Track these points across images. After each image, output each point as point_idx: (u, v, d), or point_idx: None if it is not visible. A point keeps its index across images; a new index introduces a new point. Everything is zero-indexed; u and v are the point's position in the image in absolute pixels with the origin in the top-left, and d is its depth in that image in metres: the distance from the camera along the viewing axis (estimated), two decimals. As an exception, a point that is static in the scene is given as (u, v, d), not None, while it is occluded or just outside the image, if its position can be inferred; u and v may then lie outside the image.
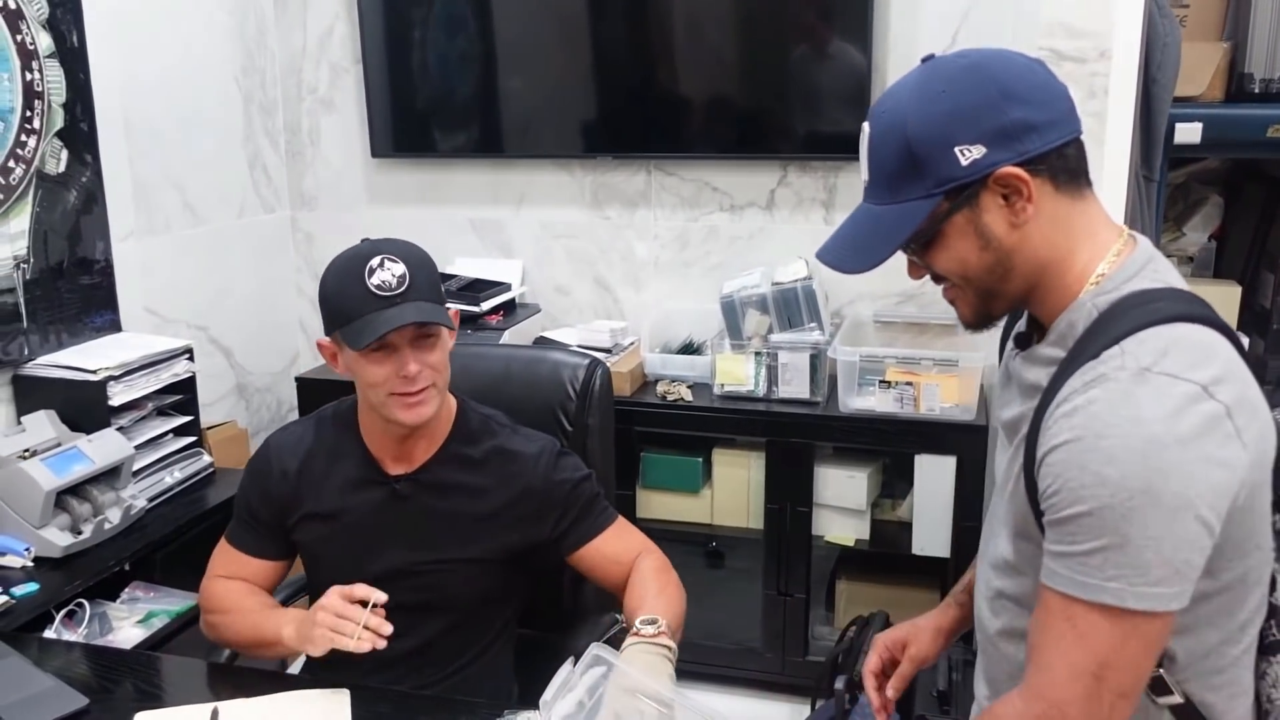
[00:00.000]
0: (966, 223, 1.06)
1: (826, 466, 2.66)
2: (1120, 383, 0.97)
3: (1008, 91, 1.03)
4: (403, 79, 3.01)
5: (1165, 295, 1.04)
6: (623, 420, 2.67)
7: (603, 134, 2.94)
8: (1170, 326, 1.00)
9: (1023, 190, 1.03)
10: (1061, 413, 1.00)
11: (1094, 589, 0.97)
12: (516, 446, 1.62)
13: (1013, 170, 1.02)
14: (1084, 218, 1.08)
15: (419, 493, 1.59)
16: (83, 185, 2.38)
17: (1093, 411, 0.97)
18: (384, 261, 1.46)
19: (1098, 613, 0.97)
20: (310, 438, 1.64)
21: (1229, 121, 2.25)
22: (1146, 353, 0.98)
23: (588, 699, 1.22)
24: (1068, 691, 1.00)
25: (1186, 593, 0.98)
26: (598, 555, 1.62)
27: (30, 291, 2.24)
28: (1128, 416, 0.95)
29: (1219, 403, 0.96)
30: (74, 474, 2.03)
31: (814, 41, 2.72)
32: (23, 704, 1.40)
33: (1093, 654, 0.98)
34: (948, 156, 1.03)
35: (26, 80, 2.22)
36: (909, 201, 1.06)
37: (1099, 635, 0.98)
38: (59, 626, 1.89)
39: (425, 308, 1.47)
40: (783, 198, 2.86)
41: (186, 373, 2.39)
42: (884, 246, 1.08)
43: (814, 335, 2.60)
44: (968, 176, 1.03)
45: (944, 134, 1.03)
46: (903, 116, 1.05)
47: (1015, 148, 1.02)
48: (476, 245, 3.12)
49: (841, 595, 2.78)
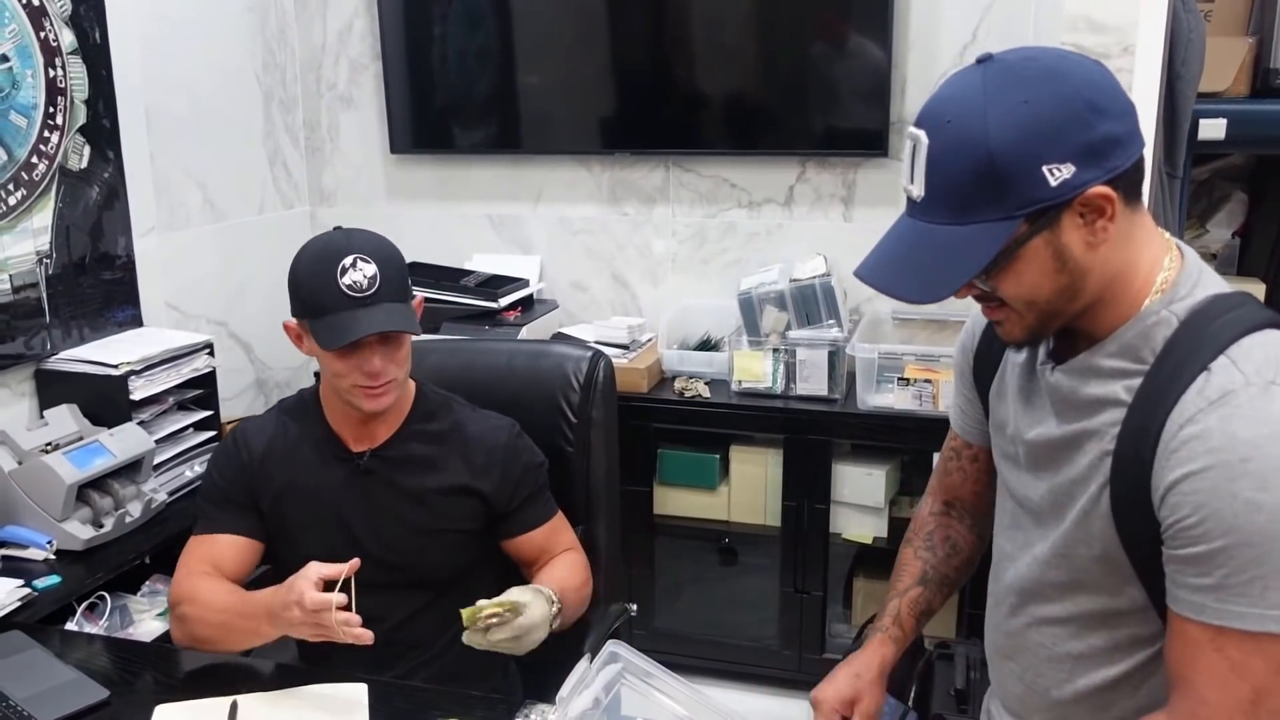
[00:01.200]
0: (1045, 245, 0.98)
1: (844, 464, 2.65)
2: (1252, 399, 0.93)
3: (1093, 104, 0.95)
4: (422, 75, 3.02)
5: (1242, 300, 1.01)
6: (640, 417, 2.68)
7: (621, 130, 2.93)
8: (1262, 334, 0.97)
9: (1106, 210, 0.96)
10: (1188, 435, 0.95)
11: (1256, 619, 0.93)
12: (477, 421, 1.66)
13: (1102, 190, 0.95)
14: (1141, 229, 1.04)
15: (382, 468, 1.62)
16: (105, 181, 2.40)
17: (1230, 432, 0.93)
18: (356, 261, 1.48)
19: (1251, 641, 0.94)
20: (272, 425, 1.68)
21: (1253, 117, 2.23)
22: (1264, 363, 0.94)
23: (604, 695, 1.22)
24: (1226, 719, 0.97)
25: None
26: (528, 544, 1.67)
27: (53, 286, 2.26)
28: (1271, 435, 0.91)
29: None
30: (95, 468, 2.04)
31: (833, 37, 2.71)
32: (45, 696, 1.41)
33: (1249, 683, 0.95)
34: (1035, 176, 0.94)
35: (50, 77, 2.23)
36: (984, 223, 0.96)
37: (1254, 664, 0.94)
38: (80, 619, 1.91)
39: (394, 311, 1.50)
40: (801, 194, 2.85)
41: (207, 367, 2.41)
42: (957, 275, 0.99)
43: (832, 332, 2.59)
44: (1056, 198, 0.95)
45: (1032, 151, 0.94)
46: (982, 130, 0.95)
47: (1104, 165, 0.95)
48: (495, 241, 3.12)
49: (859, 593, 2.78)
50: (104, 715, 1.40)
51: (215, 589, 1.57)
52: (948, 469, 1.44)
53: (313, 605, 1.35)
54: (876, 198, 2.73)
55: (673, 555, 2.86)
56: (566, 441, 1.80)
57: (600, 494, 1.83)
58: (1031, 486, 1.15)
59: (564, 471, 1.78)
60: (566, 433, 1.80)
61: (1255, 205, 2.64)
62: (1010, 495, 1.21)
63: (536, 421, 1.73)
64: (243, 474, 1.64)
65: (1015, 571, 1.19)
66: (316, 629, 1.37)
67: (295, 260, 1.55)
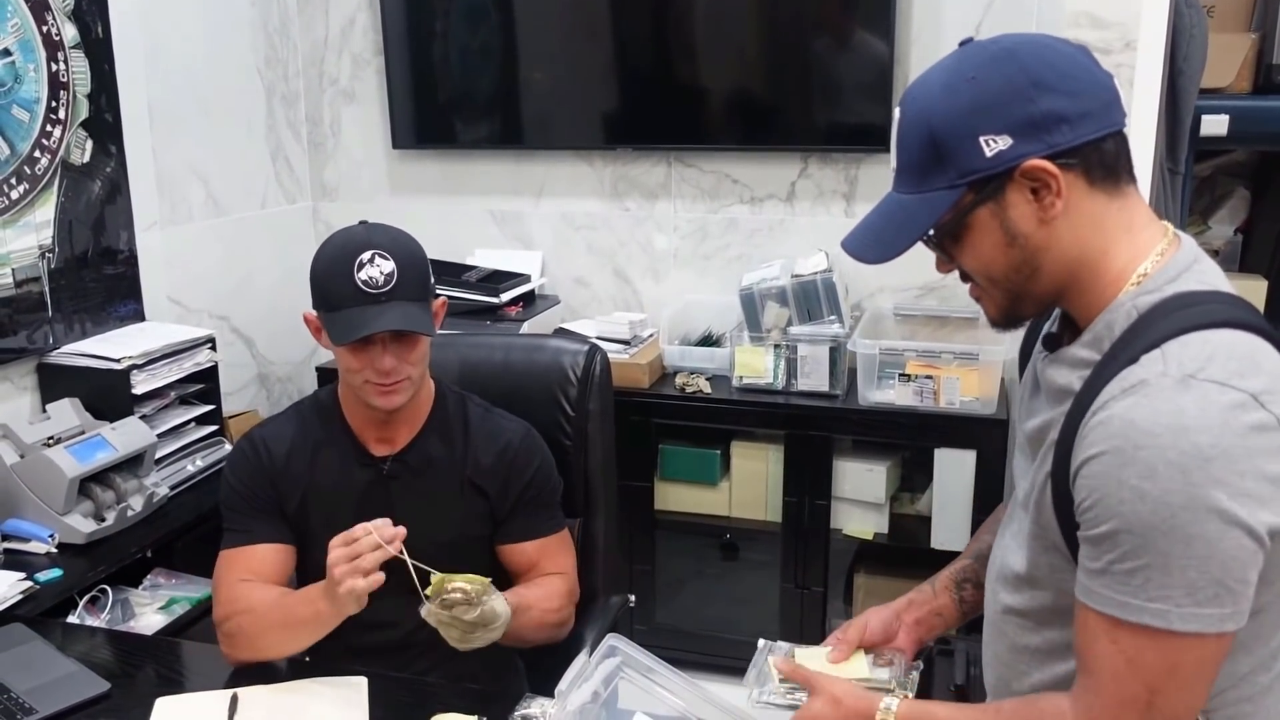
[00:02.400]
0: (992, 217, 1.01)
1: (845, 460, 2.65)
2: (1163, 390, 0.92)
3: (1038, 80, 0.98)
4: (424, 70, 3.02)
5: (1210, 298, 0.99)
6: (641, 412, 2.68)
7: (623, 125, 2.93)
8: (1215, 331, 0.95)
9: (1051, 185, 0.99)
10: (1097, 420, 0.95)
11: (1135, 609, 0.93)
12: (492, 423, 1.66)
13: (1039, 163, 0.98)
14: (1122, 215, 1.03)
15: (405, 473, 1.61)
16: (107, 175, 2.40)
17: (1131, 419, 0.92)
18: (374, 257, 1.47)
19: (1144, 635, 0.93)
20: (291, 430, 1.64)
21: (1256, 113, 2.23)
22: (1190, 358, 0.93)
23: (603, 689, 1.22)
24: (1120, 716, 0.97)
25: (1243, 612, 0.93)
26: (521, 556, 1.63)
27: (55, 281, 2.27)
28: (1170, 426, 0.90)
29: (1269, 413, 0.91)
30: (97, 461, 2.05)
31: (835, 32, 2.71)
32: (46, 688, 1.42)
33: (1143, 680, 0.95)
34: (972, 146, 0.99)
35: (52, 71, 2.24)
36: (933, 192, 1.02)
37: (1148, 660, 0.94)
38: (82, 612, 1.91)
39: (409, 311, 1.48)
40: (803, 189, 2.84)
41: (209, 362, 2.41)
42: (904, 237, 1.05)
43: (833, 328, 2.59)
44: (992, 168, 0.99)
45: (968, 123, 0.99)
46: (930, 103, 1.02)
47: (1044, 139, 0.98)
48: (497, 236, 3.12)
49: (860, 589, 2.78)
50: (104, 708, 1.41)
51: (264, 593, 1.53)
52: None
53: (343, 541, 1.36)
54: (878, 193, 2.67)
55: (674, 551, 2.86)
56: (565, 435, 1.81)
57: (598, 487, 1.84)
58: (1024, 477, 1.16)
59: (562, 465, 1.78)
60: (565, 426, 1.82)
61: (1258, 201, 2.63)
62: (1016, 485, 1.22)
63: (534, 415, 1.74)
64: (265, 478, 1.61)
65: (997, 559, 1.21)
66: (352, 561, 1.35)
67: (317, 252, 1.54)
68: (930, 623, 1.35)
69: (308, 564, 1.69)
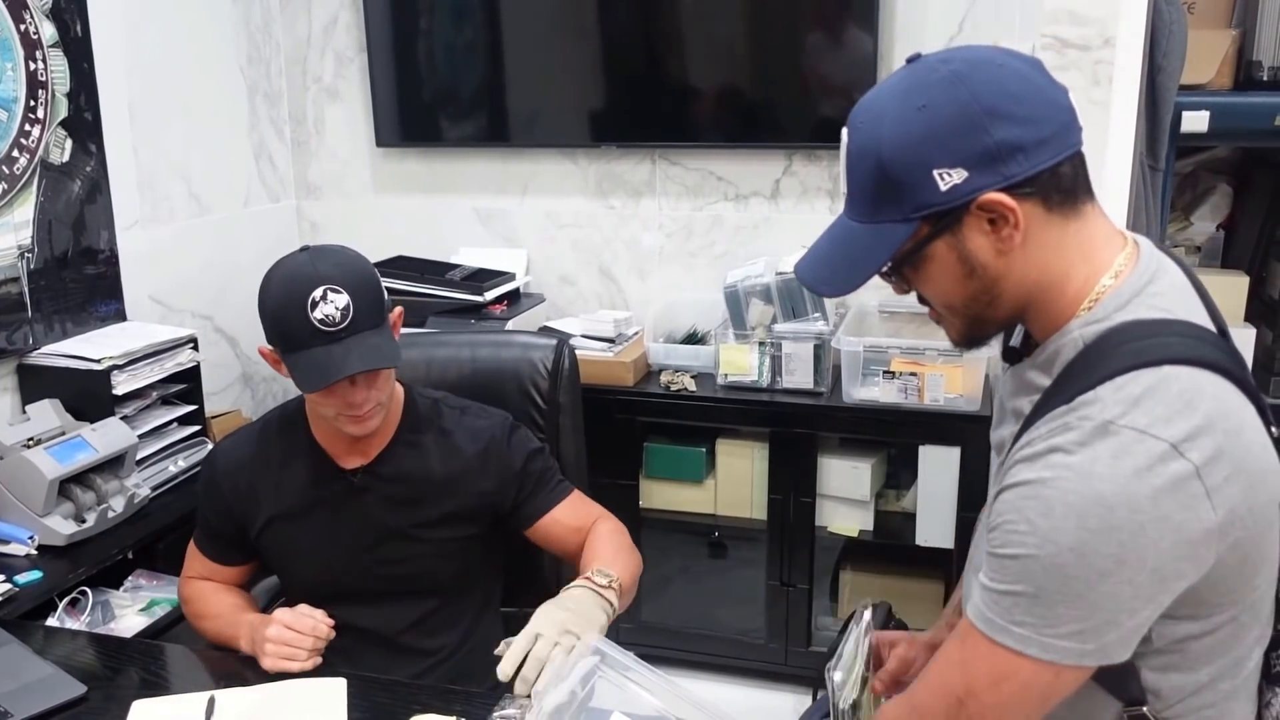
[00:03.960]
0: (949, 249, 0.98)
1: (830, 457, 2.65)
2: (1083, 433, 0.91)
3: (992, 109, 0.94)
4: (408, 68, 3.01)
5: (1157, 329, 0.97)
6: (626, 410, 2.68)
7: (607, 123, 2.93)
8: (1155, 370, 0.92)
9: (1009, 217, 0.95)
10: (1022, 455, 0.96)
11: (999, 628, 0.94)
12: (468, 423, 1.64)
13: (996, 197, 0.94)
14: (1080, 236, 1.00)
15: (376, 484, 1.59)
16: (87, 175, 2.39)
17: (1047, 460, 0.92)
18: (326, 294, 1.42)
19: (986, 645, 0.95)
20: (254, 448, 1.64)
21: (1236, 110, 2.22)
22: (1116, 402, 0.91)
23: (580, 688, 1.22)
24: (932, 703, 1.00)
25: (1108, 651, 0.93)
26: (556, 525, 1.64)
27: (35, 281, 2.25)
28: (1078, 471, 0.90)
29: (1188, 462, 0.89)
30: (78, 462, 2.04)
31: (820, 29, 2.70)
32: (21, 692, 1.41)
33: (965, 682, 0.97)
34: (925, 180, 0.95)
35: (30, 70, 2.22)
36: (887, 224, 0.99)
37: (978, 664, 0.96)
38: (62, 614, 1.90)
39: (372, 344, 1.45)
40: (788, 187, 2.84)
41: (191, 362, 2.40)
42: (859, 272, 1.02)
43: (818, 325, 2.59)
44: (947, 202, 0.95)
45: (921, 156, 0.95)
46: (879, 132, 0.97)
47: (1000, 171, 0.94)
48: (482, 235, 3.11)
49: (845, 586, 2.78)
50: (81, 711, 1.39)
51: (211, 595, 1.67)
52: None
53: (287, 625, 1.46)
54: (862, 191, 2.72)
55: (659, 549, 2.86)
56: (537, 429, 1.82)
57: (573, 478, 1.82)
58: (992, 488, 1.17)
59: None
60: (537, 420, 1.83)
61: (1240, 198, 2.63)
62: None
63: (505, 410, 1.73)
64: (224, 508, 1.63)
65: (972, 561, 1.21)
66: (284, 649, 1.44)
67: (263, 287, 1.50)
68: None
69: (284, 575, 1.70)
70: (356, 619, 1.58)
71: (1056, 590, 0.90)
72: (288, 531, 1.61)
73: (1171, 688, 0.99)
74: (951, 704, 0.98)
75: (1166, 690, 0.99)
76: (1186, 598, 0.94)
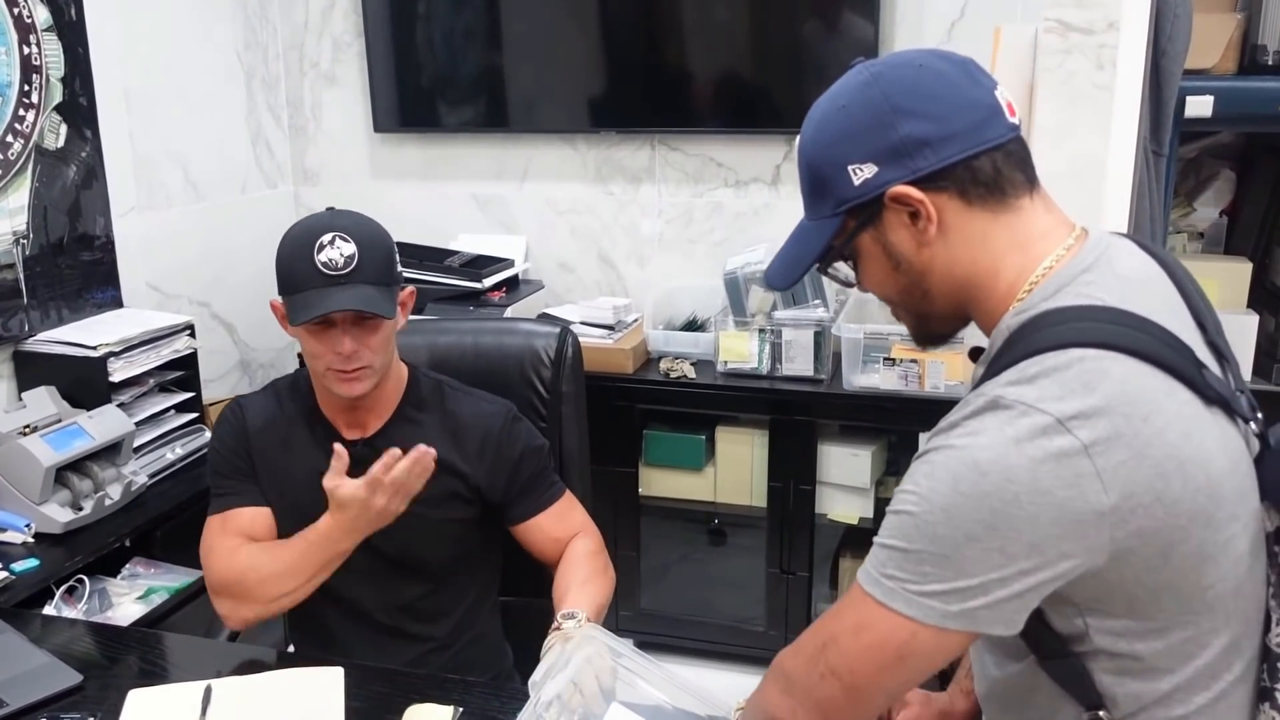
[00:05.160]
0: (874, 243, 1.04)
1: (830, 444, 2.64)
2: (973, 408, 0.93)
3: (898, 106, 0.99)
4: (406, 53, 2.99)
5: (1077, 315, 0.96)
6: (625, 397, 2.67)
7: (607, 109, 2.91)
8: (1062, 353, 0.92)
9: (920, 210, 1.00)
10: (933, 430, 0.98)
11: (871, 579, 0.96)
12: (470, 407, 1.63)
13: (903, 190, 0.99)
14: (1009, 231, 1.01)
15: (373, 459, 1.54)
16: (82, 160, 2.37)
17: (942, 433, 0.95)
18: (335, 240, 1.46)
19: (859, 594, 0.97)
20: (271, 405, 1.65)
21: (1241, 94, 2.20)
22: (1010, 381, 0.93)
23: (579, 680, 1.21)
24: (805, 645, 1.03)
25: (980, 617, 0.92)
26: (538, 532, 1.64)
27: (30, 268, 2.24)
28: (962, 438, 0.92)
29: (1075, 438, 0.88)
30: (74, 450, 2.03)
31: (820, 14, 2.68)
32: (17, 680, 1.40)
33: (833, 625, 1.00)
34: (842, 176, 1.01)
35: (24, 54, 2.20)
36: (822, 219, 1.05)
37: (847, 612, 0.98)
38: (59, 603, 1.90)
39: (368, 293, 1.47)
40: (788, 173, 2.82)
41: (188, 349, 2.39)
42: (799, 265, 1.09)
43: (818, 312, 2.58)
44: (861, 196, 1.01)
45: (838, 152, 1.02)
46: (808, 134, 1.05)
47: (906, 165, 0.99)
48: (480, 221, 3.10)
49: (845, 573, 2.78)
50: (77, 700, 1.39)
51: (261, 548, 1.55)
52: None
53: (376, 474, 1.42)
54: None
55: (659, 536, 2.86)
56: (539, 417, 1.80)
57: (574, 468, 1.83)
58: None
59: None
60: (539, 408, 1.81)
61: (1243, 184, 2.61)
62: None
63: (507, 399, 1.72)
64: (245, 443, 1.62)
65: None
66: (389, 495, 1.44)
67: (282, 238, 1.53)
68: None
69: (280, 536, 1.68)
70: (346, 590, 1.58)
71: (925, 548, 0.92)
72: (289, 490, 1.60)
73: (1127, 694, 0.97)
74: (818, 646, 1.00)
75: (1122, 697, 0.97)
76: (1107, 591, 0.93)
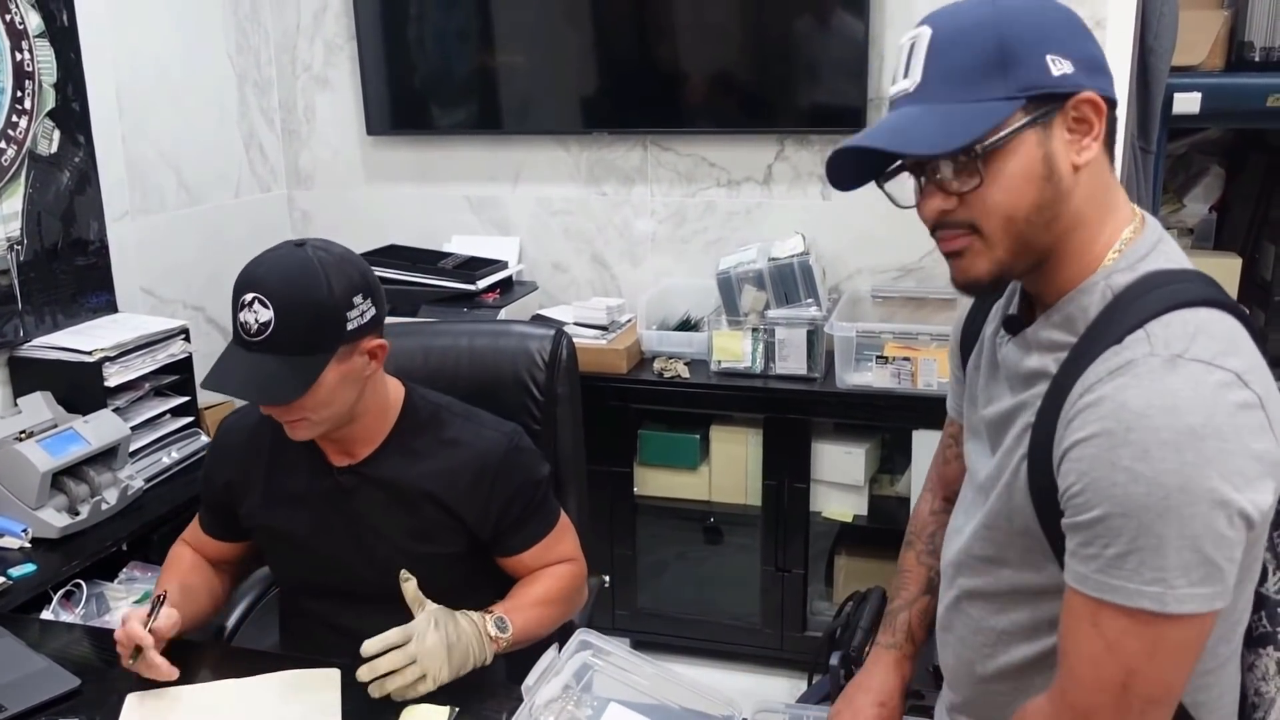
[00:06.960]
0: (1037, 145, 0.97)
1: (824, 442, 2.65)
2: (1152, 370, 0.90)
3: (1087, 31, 1.00)
4: (398, 55, 2.99)
5: (1184, 277, 0.98)
6: (619, 397, 2.68)
7: (599, 109, 2.92)
8: (1193, 311, 0.94)
9: (1094, 126, 0.97)
10: (1085, 403, 0.94)
11: (1130, 594, 0.90)
12: (469, 436, 1.55)
13: (1093, 97, 0.96)
14: (1114, 190, 1.04)
15: (363, 485, 1.53)
16: (76, 165, 2.37)
17: (1122, 401, 0.90)
18: (254, 302, 1.36)
19: (1127, 618, 0.91)
20: (257, 426, 1.59)
21: (1228, 91, 2.22)
22: (1175, 337, 0.92)
23: (574, 683, 1.22)
24: (1095, 700, 0.95)
25: (1230, 589, 0.91)
26: (522, 567, 1.59)
27: (24, 273, 2.24)
28: (1161, 407, 0.88)
29: (1253, 392, 0.90)
30: (70, 455, 2.03)
31: (811, 14, 2.69)
32: (14, 685, 1.41)
33: (1121, 664, 0.92)
34: (1039, 61, 0.96)
35: (16, 60, 2.21)
36: (986, 101, 0.96)
37: (1128, 645, 0.92)
38: (56, 607, 1.90)
39: (271, 369, 1.36)
40: (780, 173, 2.83)
41: (183, 353, 2.39)
42: (955, 136, 0.96)
43: (811, 311, 2.59)
44: (1055, 87, 0.96)
45: (1039, 36, 0.96)
46: (993, 13, 0.97)
47: (1096, 80, 0.98)
48: (473, 223, 3.11)
49: (840, 571, 2.79)
50: (75, 704, 1.39)
51: (171, 566, 1.68)
52: (945, 458, 1.43)
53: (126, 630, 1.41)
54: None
55: (654, 535, 2.87)
56: (534, 420, 1.80)
57: (569, 470, 1.83)
58: (983, 461, 1.15)
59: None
60: (534, 411, 1.80)
61: (1232, 179, 2.63)
62: (970, 470, 1.21)
63: (502, 401, 1.73)
64: (225, 479, 1.61)
65: (955, 544, 1.19)
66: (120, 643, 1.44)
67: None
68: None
69: (275, 572, 1.70)
70: (341, 619, 1.55)
71: (1175, 535, 0.88)
72: (276, 517, 1.58)
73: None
74: (1118, 694, 0.93)
75: None
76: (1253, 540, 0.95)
